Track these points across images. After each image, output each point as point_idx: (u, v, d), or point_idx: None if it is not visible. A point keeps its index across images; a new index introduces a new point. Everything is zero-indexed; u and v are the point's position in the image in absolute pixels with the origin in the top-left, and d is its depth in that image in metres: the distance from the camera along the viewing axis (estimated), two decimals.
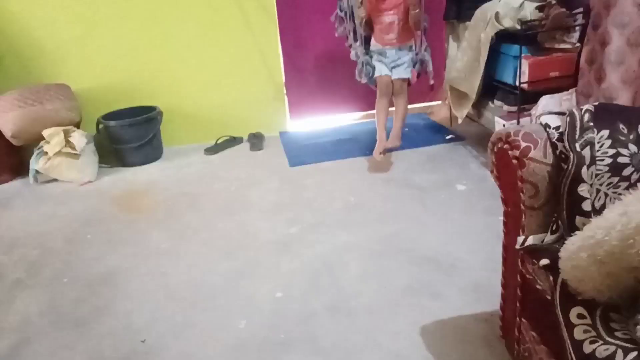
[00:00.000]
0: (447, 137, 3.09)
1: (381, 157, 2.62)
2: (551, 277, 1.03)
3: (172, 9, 3.10)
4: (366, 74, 2.75)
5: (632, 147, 1.08)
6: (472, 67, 2.68)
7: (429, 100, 3.66)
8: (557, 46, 2.43)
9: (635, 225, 0.84)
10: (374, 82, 2.77)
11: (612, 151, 1.08)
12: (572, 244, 0.95)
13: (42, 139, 2.87)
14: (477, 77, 2.65)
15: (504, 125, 2.54)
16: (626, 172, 1.07)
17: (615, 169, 1.07)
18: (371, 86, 2.82)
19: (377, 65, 2.74)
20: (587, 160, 1.07)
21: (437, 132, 3.21)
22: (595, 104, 1.16)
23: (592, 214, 1.04)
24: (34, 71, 3.08)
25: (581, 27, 2.37)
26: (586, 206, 1.06)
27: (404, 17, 2.63)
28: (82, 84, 3.14)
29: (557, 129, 1.13)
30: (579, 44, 2.37)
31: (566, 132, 1.11)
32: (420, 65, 2.73)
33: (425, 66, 2.73)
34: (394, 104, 2.77)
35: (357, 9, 2.63)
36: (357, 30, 2.69)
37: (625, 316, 0.90)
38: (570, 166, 1.07)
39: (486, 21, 2.52)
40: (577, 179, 1.06)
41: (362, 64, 2.74)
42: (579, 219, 1.06)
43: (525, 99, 2.46)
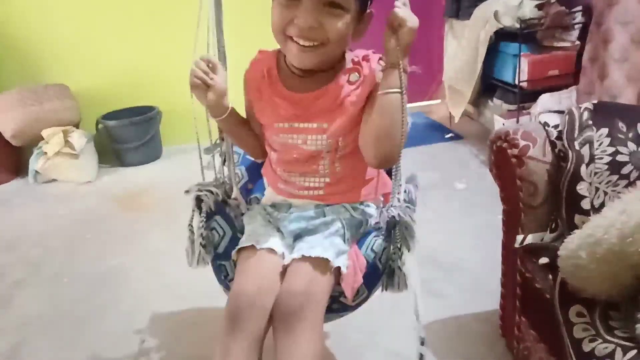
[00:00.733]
0: (446, 135, 3.09)
1: None
2: (550, 276, 1.03)
3: (171, 8, 3.10)
4: (209, 245, 1.13)
5: (631, 146, 1.08)
6: (470, 66, 2.68)
7: (428, 99, 3.66)
8: (556, 44, 2.43)
9: (634, 223, 0.84)
10: (226, 281, 1.08)
11: (611, 149, 1.08)
12: (572, 243, 0.95)
13: (42, 139, 2.87)
14: (475, 76, 2.66)
15: (503, 123, 2.54)
16: (625, 170, 1.07)
17: (614, 167, 1.07)
18: (222, 288, 1.14)
19: (250, 225, 1.06)
20: (586, 158, 1.07)
21: (436, 131, 3.21)
22: (594, 102, 1.16)
23: (591, 213, 1.04)
24: (33, 71, 3.08)
25: (581, 25, 2.37)
26: (585, 204, 1.06)
27: (348, 138, 0.99)
28: (81, 84, 3.14)
29: (556, 127, 1.13)
30: (578, 42, 2.37)
31: (565, 131, 1.11)
32: (383, 241, 1.05)
33: (396, 250, 1.06)
34: (283, 351, 0.87)
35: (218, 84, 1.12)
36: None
37: (624, 314, 0.90)
38: (569, 165, 1.07)
39: (485, 19, 2.52)
40: (576, 178, 1.06)
41: (204, 206, 1.19)
42: (578, 218, 1.06)
43: (524, 97, 2.46)
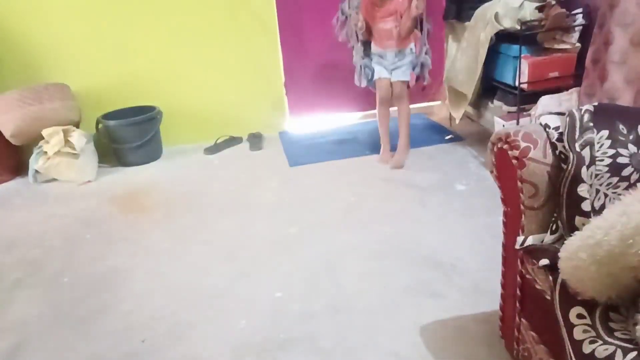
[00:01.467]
0: (446, 137, 3.09)
1: (387, 163, 2.72)
2: (551, 277, 1.03)
3: (171, 9, 3.10)
4: (365, 76, 2.73)
5: (632, 148, 1.08)
6: (470, 68, 2.68)
7: (428, 100, 3.66)
8: (556, 46, 2.43)
9: (634, 225, 0.84)
10: (374, 85, 2.75)
11: (611, 151, 1.08)
12: (572, 244, 0.95)
13: (42, 138, 2.87)
14: (475, 78, 2.66)
15: (503, 125, 2.54)
16: (626, 172, 1.08)
17: (614, 169, 1.07)
18: (371, 89, 2.80)
19: (376, 67, 2.70)
20: (587, 160, 1.07)
21: (436, 132, 3.21)
22: (595, 104, 1.16)
23: (591, 214, 1.04)
24: (33, 71, 3.08)
25: (581, 27, 2.37)
26: (586, 206, 1.06)
27: (400, 23, 2.62)
28: (82, 83, 3.14)
29: (556, 129, 1.13)
30: (578, 44, 2.37)
31: (566, 133, 1.11)
32: (420, 68, 2.69)
33: (424, 69, 2.70)
34: (398, 109, 2.75)
35: (355, 14, 2.64)
36: (357, 34, 2.70)
37: (624, 316, 0.90)
38: (569, 166, 1.07)
39: (486, 21, 2.52)
40: (577, 179, 1.06)
41: (361, 67, 2.73)
42: (578, 219, 1.06)
43: (524, 99, 2.46)
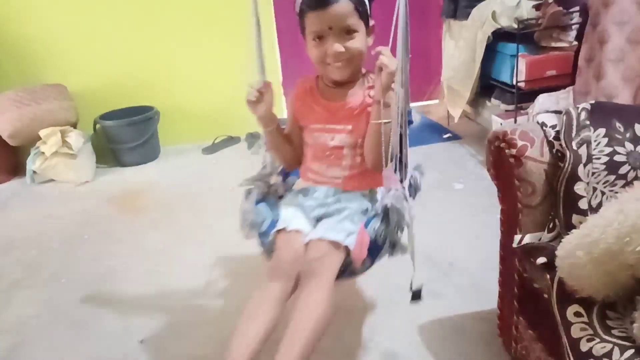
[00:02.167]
0: (444, 136, 3.10)
1: None
2: (548, 276, 1.03)
3: (169, 8, 3.10)
4: (255, 224, 1.32)
5: (629, 146, 1.08)
6: (468, 66, 2.68)
7: (426, 99, 3.67)
8: (553, 45, 2.44)
9: (631, 223, 0.85)
10: (269, 245, 1.29)
11: (608, 149, 1.08)
12: (569, 243, 0.95)
13: (39, 139, 2.86)
14: (473, 76, 2.66)
15: (501, 124, 2.55)
16: (622, 170, 1.08)
17: (611, 167, 1.08)
18: (262, 251, 1.39)
19: (284, 210, 1.31)
20: (584, 158, 1.07)
21: (434, 131, 3.21)
22: (591, 102, 1.16)
23: (588, 212, 1.05)
24: (30, 72, 3.08)
25: (578, 25, 2.38)
26: (583, 204, 1.06)
27: (363, 140, 1.26)
28: (79, 84, 3.14)
29: (553, 127, 1.13)
30: (575, 43, 2.38)
31: (563, 131, 1.11)
32: (382, 222, 1.20)
33: (393, 230, 1.21)
34: (300, 301, 1.15)
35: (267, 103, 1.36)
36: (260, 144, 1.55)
37: (622, 314, 0.90)
38: (566, 165, 1.07)
39: (483, 20, 2.53)
40: (574, 178, 1.06)
41: (253, 194, 1.42)
42: (575, 217, 1.06)
43: (522, 97, 2.47)
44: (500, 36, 2.50)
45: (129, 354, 1.50)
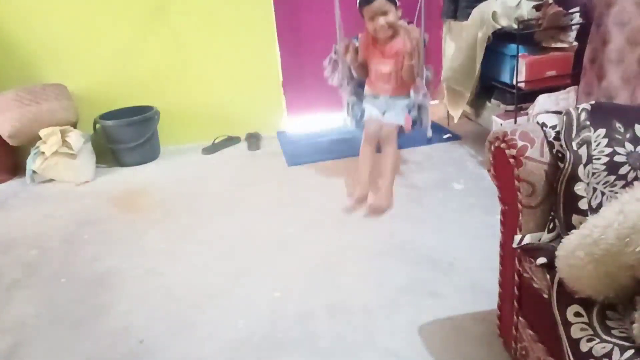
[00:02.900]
0: (444, 136, 3.10)
1: (355, 206, 2.21)
2: (548, 276, 1.03)
3: (169, 8, 3.10)
4: (354, 116, 2.49)
5: (629, 146, 1.08)
6: (468, 67, 2.68)
7: None
8: (554, 45, 2.44)
9: (631, 223, 0.85)
10: (362, 126, 2.42)
11: (608, 150, 1.08)
12: (569, 243, 0.96)
13: (39, 139, 2.86)
14: (473, 77, 2.66)
15: (501, 124, 2.55)
16: (622, 170, 1.08)
17: (611, 167, 1.08)
18: (358, 130, 2.51)
19: (367, 107, 2.46)
20: (584, 159, 1.07)
21: (434, 131, 3.20)
22: (591, 102, 1.16)
23: (588, 213, 1.05)
24: (30, 71, 3.07)
25: (578, 26, 2.38)
26: (583, 205, 1.06)
27: (401, 68, 2.38)
28: (79, 83, 3.14)
29: (553, 128, 1.14)
30: (575, 43, 2.38)
31: (563, 131, 1.11)
32: (417, 111, 2.38)
33: (422, 112, 2.39)
34: (383, 152, 2.34)
35: (353, 53, 2.45)
36: (351, 70, 2.53)
37: (621, 314, 0.90)
38: (567, 165, 1.07)
39: (483, 20, 2.53)
40: (574, 178, 1.06)
41: (349, 104, 2.52)
42: (575, 218, 1.06)
43: (522, 98, 2.47)
44: (500, 37, 2.50)
45: (128, 354, 1.50)
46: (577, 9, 2.35)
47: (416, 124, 2.39)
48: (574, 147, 1.08)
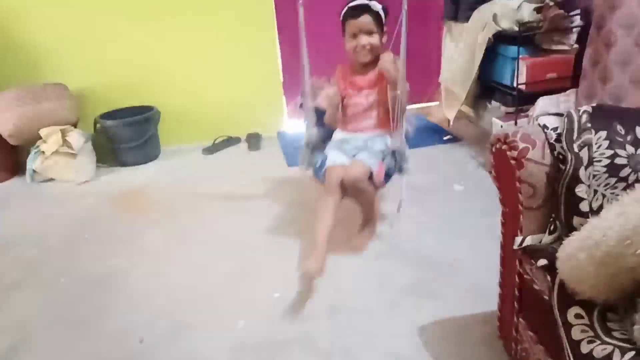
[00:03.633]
0: (444, 137, 3.10)
1: (312, 273, 1.66)
2: (549, 278, 1.03)
3: (169, 8, 3.10)
4: (310, 163, 1.99)
5: (630, 149, 1.08)
6: (466, 69, 2.68)
7: (426, 101, 3.67)
8: (554, 47, 2.44)
9: (632, 226, 0.85)
10: (322, 175, 1.90)
11: (609, 152, 1.08)
12: (570, 245, 0.96)
13: (40, 138, 2.86)
14: (470, 79, 2.66)
15: (501, 126, 2.55)
16: (623, 173, 1.08)
17: (612, 170, 1.08)
18: (316, 180, 1.99)
19: (331, 153, 1.94)
20: (585, 161, 1.07)
21: (434, 133, 3.21)
22: (593, 105, 1.16)
23: (589, 215, 1.05)
24: (30, 71, 3.07)
25: (579, 28, 2.38)
26: (584, 207, 1.06)
27: (382, 98, 1.95)
28: (80, 83, 3.14)
29: (555, 130, 1.14)
30: (576, 46, 2.38)
31: (564, 133, 1.11)
32: (392, 159, 1.90)
33: (399, 161, 1.90)
34: (360, 205, 1.98)
35: (328, 90, 2.01)
36: (318, 117, 2.02)
37: (622, 316, 0.90)
38: (568, 167, 1.07)
39: (484, 22, 2.53)
40: (575, 180, 1.07)
41: (308, 146, 1.99)
42: (576, 220, 1.06)
43: (522, 100, 2.47)
44: (501, 39, 2.50)
45: (129, 354, 1.50)
46: (578, 12, 2.36)
47: (390, 175, 1.90)
48: (575, 149, 1.08)
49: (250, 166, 2.97)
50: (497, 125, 2.59)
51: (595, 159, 1.08)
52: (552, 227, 1.12)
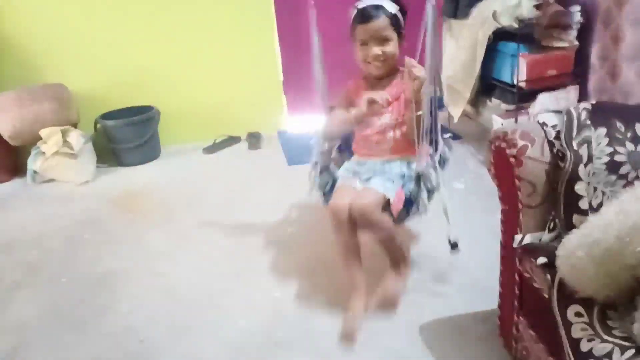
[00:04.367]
0: (445, 135, 3.08)
1: (355, 333, 1.47)
2: (549, 276, 1.03)
3: (169, 8, 3.10)
4: (319, 187, 1.72)
5: (629, 146, 1.08)
6: (469, 66, 2.68)
7: None
8: (554, 44, 2.43)
9: (632, 223, 0.84)
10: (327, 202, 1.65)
11: (609, 149, 1.08)
12: (570, 243, 0.95)
13: (40, 139, 2.86)
14: (473, 76, 2.65)
15: (501, 123, 2.54)
16: (623, 170, 1.08)
17: (612, 167, 1.07)
18: (325, 205, 1.69)
19: (341, 173, 1.70)
20: (585, 158, 1.07)
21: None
22: (592, 102, 1.16)
23: (589, 212, 1.05)
24: (31, 71, 3.07)
25: (579, 25, 2.37)
26: (583, 204, 1.06)
27: (402, 118, 1.65)
28: (80, 83, 3.14)
29: (554, 127, 1.13)
30: (576, 42, 2.37)
31: (563, 131, 1.11)
32: (416, 185, 1.57)
33: (422, 192, 1.57)
34: (378, 243, 1.63)
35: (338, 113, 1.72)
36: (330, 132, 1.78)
37: (622, 314, 0.90)
38: (567, 164, 1.07)
39: (483, 19, 2.52)
40: (575, 177, 1.06)
41: (318, 165, 1.73)
42: (576, 217, 1.06)
43: (522, 97, 2.46)
44: (500, 35, 2.50)
45: (129, 354, 1.50)
46: (578, 8, 2.35)
47: (412, 205, 1.58)
48: (575, 147, 1.08)
49: (250, 165, 2.97)
50: (497, 122, 2.58)
51: (594, 157, 1.07)
52: (551, 225, 1.11)
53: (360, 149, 1.76)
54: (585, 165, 1.06)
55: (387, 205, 1.52)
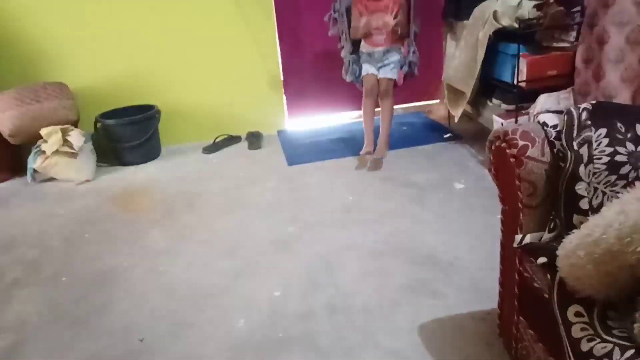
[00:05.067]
0: (445, 135, 3.09)
1: (367, 159, 2.70)
2: (549, 276, 1.03)
3: (170, 7, 3.10)
4: (352, 73, 2.82)
5: (630, 146, 1.08)
6: (469, 66, 2.68)
7: (427, 99, 3.67)
8: (555, 45, 2.43)
9: (632, 223, 0.84)
10: (360, 82, 2.83)
11: (609, 150, 1.08)
12: (570, 243, 0.95)
13: (40, 137, 2.86)
14: (474, 76, 2.66)
15: (502, 123, 2.54)
16: (623, 170, 1.08)
17: (612, 167, 1.07)
18: (357, 85, 2.88)
19: (364, 65, 2.77)
20: (585, 158, 1.07)
21: (435, 131, 3.21)
22: (592, 102, 1.16)
23: (589, 213, 1.05)
24: (31, 70, 3.08)
25: (579, 25, 2.37)
26: (584, 204, 1.06)
27: (395, 21, 2.69)
28: (80, 82, 3.14)
29: (554, 127, 1.13)
30: (577, 43, 2.37)
31: (564, 131, 1.11)
32: (408, 67, 2.77)
33: (413, 67, 2.78)
34: (381, 107, 2.80)
35: (355, 12, 2.72)
36: (347, 32, 2.79)
37: (622, 314, 0.90)
38: (568, 165, 1.07)
39: (484, 20, 2.53)
40: (575, 178, 1.06)
41: (349, 62, 2.81)
42: (576, 218, 1.06)
43: (523, 97, 2.46)
44: (501, 36, 2.50)
45: (129, 353, 1.50)
46: (578, 9, 2.35)
47: (407, 77, 2.81)
48: (575, 147, 1.08)
49: (250, 165, 2.97)
50: (498, 122, 2.58)
51: (595, 157, 1.07)
52: (552, 225, 1.11)
53: (368, 41, 2.77)
54: (585, 165, 1.06)
55: (394, 82, 2.75)
